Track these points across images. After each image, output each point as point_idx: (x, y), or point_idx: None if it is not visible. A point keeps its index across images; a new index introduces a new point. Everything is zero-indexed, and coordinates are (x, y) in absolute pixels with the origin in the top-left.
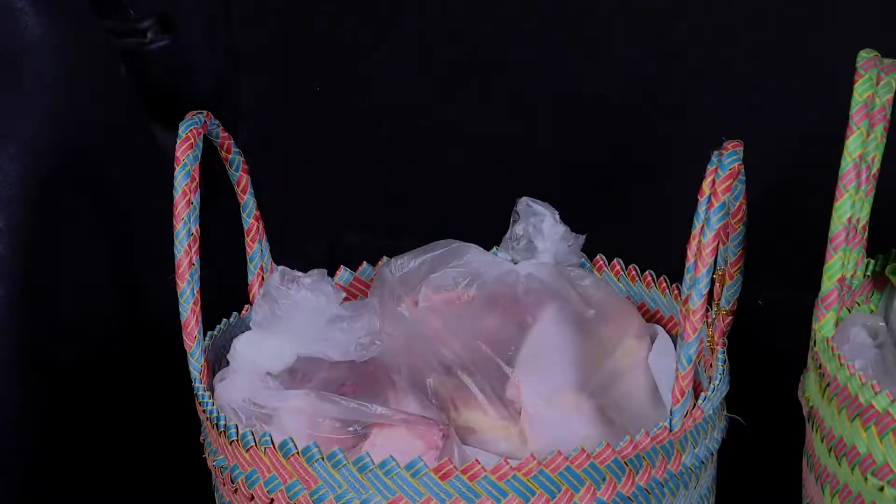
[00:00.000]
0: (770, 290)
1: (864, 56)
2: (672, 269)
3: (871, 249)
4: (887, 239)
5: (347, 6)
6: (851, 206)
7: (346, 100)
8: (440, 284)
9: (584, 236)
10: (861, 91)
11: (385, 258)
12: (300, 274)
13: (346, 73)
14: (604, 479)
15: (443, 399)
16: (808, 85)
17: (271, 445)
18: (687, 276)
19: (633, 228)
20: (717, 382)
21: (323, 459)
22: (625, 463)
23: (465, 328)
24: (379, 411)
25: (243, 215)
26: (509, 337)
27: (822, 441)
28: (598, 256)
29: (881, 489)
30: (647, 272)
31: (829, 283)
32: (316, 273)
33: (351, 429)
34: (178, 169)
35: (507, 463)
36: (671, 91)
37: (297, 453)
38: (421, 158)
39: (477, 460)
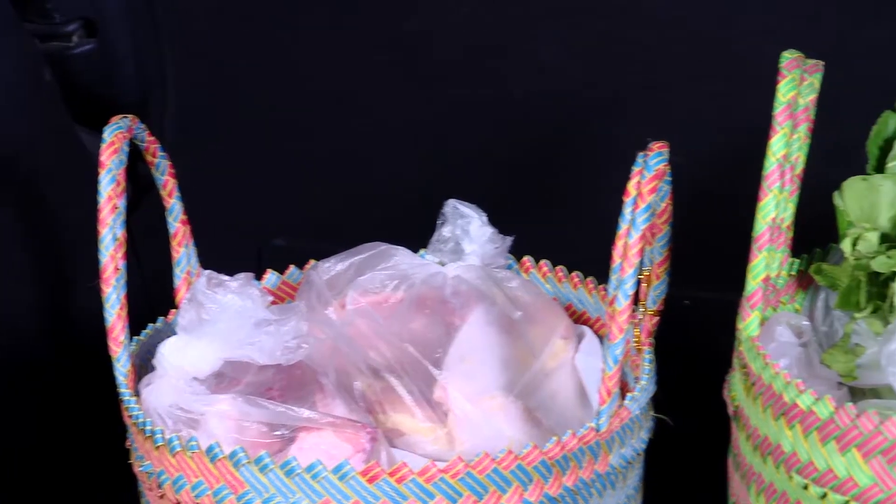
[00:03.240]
0: (696, 290)
1: (788, 57)
2: (600, 269)
3: (797, 249)
4: (812, 238)
5: (274, 10)
6: (776, 207)
7: (273, 102)
8: (368, 287)
9: (512, 238)
10: (784, 92)
11: (312, 261)
12: (226, 278)
13: (274, 76)
14: (531, 480)
15: (370, 402)
16: (733, 85)
17: (198, 450)
18: (613, 277)
19: (561, 230)
20: (643, 383)
21: (250, 463)
22: (552, 464)
23: (393, 331)
24: (306, 415)
25: (169, 219)
26: (437, 339)
27: (748, 440)
28: (525, 258)
29: (805, 487)
30: (574, 273)
31: (753, 282)
32: (242, 277)
33: (278, 433)
34: (103, 173)
35: (435, 465)
36: (600, 92)
37: (224, 458)
38: (348, 161)
39: (404, 463)
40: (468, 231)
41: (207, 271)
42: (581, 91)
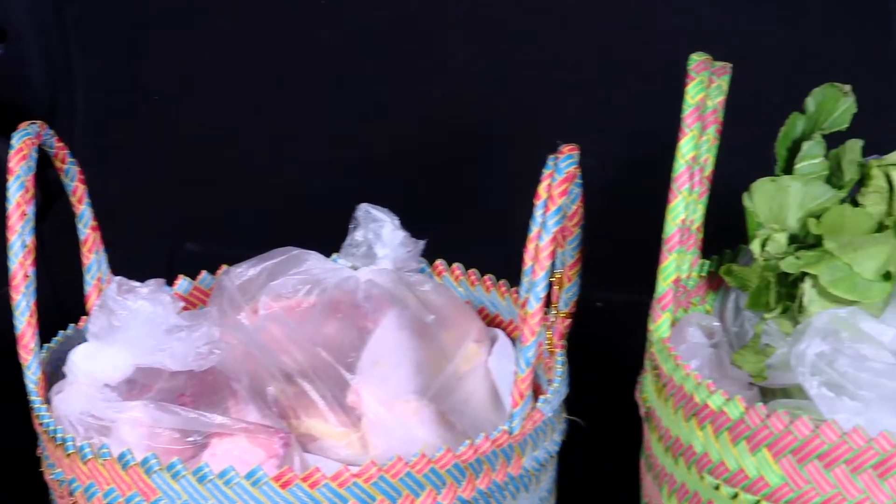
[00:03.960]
0: (609, 291)
1: (696, 59)
2: (513, 272)
3: (707, 250)
4: (723, 240)
5: (184, 14)
6: (685, 208)
7: (184, 109)
8: (280, 292)
9: (424, 242)
10: (693, 94)
11: (224, 266)
12: (137, 284)
13: (185, 80)
14: (444, 484)
15: (284, 407)
16: (643, 88)
17: (109, 457)
18: (524, 280)
19: (474, 233)
20: (556, 385)
21: (162, 470)
22: (465, 467)
23: (306, 335)
24: (219, 421)
25: (79, 226)
26: (349, 343)
27: (659, 441)
28: (438, 261)
29: (717, 488)
30: (486, 276)
31: (663, 284)
32: (153, 283)
33: (190, 439)
34: (11, 180)
35: (348, 469)
36: (511, 95)
37: (136, 465)
38: (260, 165)
39: (317, 468)
40: (380, 235)
41: (118, 277)
42: (493, 94)
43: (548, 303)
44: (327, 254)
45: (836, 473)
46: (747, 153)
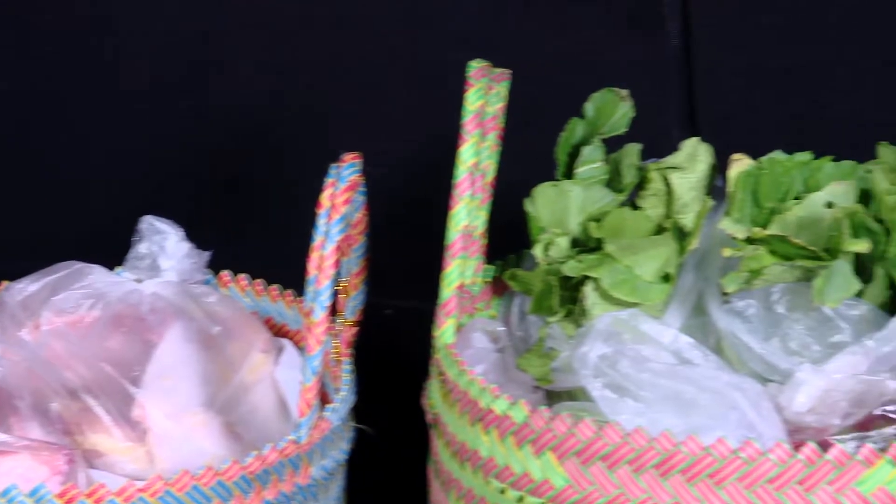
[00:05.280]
0: (398, 298)
1: (475, 66)
2: (301, 281)
3: (492, 255)
4: (507, 245)
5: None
6: (467, 214)
7: None
8: (62, 307)
9: (209, 253)
10: (472, 100)
11: (5, 283)
12: None
13: None
14: (231, 496)
15: (68, 423)
16: (425, 95)
17: None
18: (309, 289)
19: (261, 243)
20: (343, 393)
21: None
22: (252, 478)
23: (89, 350)
24: (0, 439)
25: None
26: (134, 357)
27: (446, 447)
28: (223, 272)
29: (503, 492)
30: (273, 286)
31: (447, 290)
32: None
33: None
34: None
35: (133, 484)
36: (294, 104)
37: None
38: (41, 179)
39: (102, 483)
40: (164, 247)
41: None
42: (276, 103)
43: (334, 311)
44: (111, 267)
45: (619, 474)
46: (529, 158)
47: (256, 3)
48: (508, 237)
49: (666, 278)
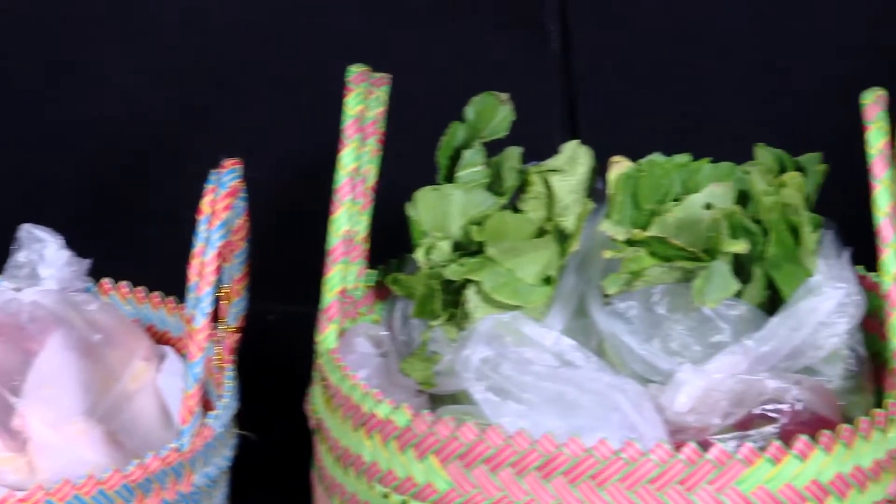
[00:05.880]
0: (282, 304)
1: (354, 71)
2: (183, 288)
3: (376, 260)
4: (390, 250)
5: None
6: (348, 219)
7: None
8: None
9: (90, 261)
10: (352, 105)
11: None
12: None
13: None
14: None
15: None
16: (307, 100)
17: None
18: (190, 296)
19: (143, 250)
20: (225, 400)
21: None
22: (134, 487)
23: None
24: None
25: None
26: (14, 366)
27: (329, 452)
28: (104, 280)
29: (386, 496)
30: (154, 293)
31: (329, 295)
32: None
33: None
34: None
35: (13, 495)
36: (175, 110)
37: None
38: None
39: None
40: (44, 255)
41: None
42: (156, 109)
43: (216, 318)
44: None
45: (501, 477)
46: (411, 163)
47: (138, 8)
48: (390, 241)
49: (547, 281)
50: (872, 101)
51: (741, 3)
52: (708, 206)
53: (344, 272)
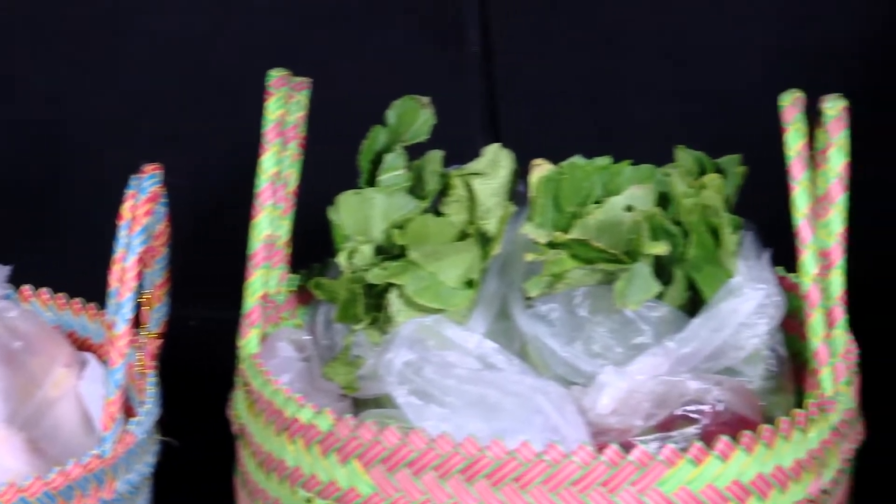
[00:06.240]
0: (204, 310)
1: (274, 75)
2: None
3: (299, 264)
4: (313, 254)
5: None
6: (270, 224)
7: None
8: None
9: (9, 268)
10: (273, 109)
11: None
12: None
13: None
14: None
15: None
16: (228, 104)
17: None
18: (111, 302)
19: (63, 256)
20: (147, 406)
21: None
22: (55, 494)
23: None
24: None
25: None
26: None
27: (253, 457)
28: (24, 287)
29: (309, 501)
30: (75, 300)
31: (251, 300)
32: None
33: None
34: None
35: None
36: (100, 115)
37: None
38: None
39: None
40: None
41: None
42: (76, 114)
43: (138, 324)
44: None
45: (424, 480)
46: (333, 167)
47: (53, 12)
48: (313, 246)
49: (469, 284)
50: (790, 104)
51: (661, 6)
52: (629, 209)
53: (266, 277)
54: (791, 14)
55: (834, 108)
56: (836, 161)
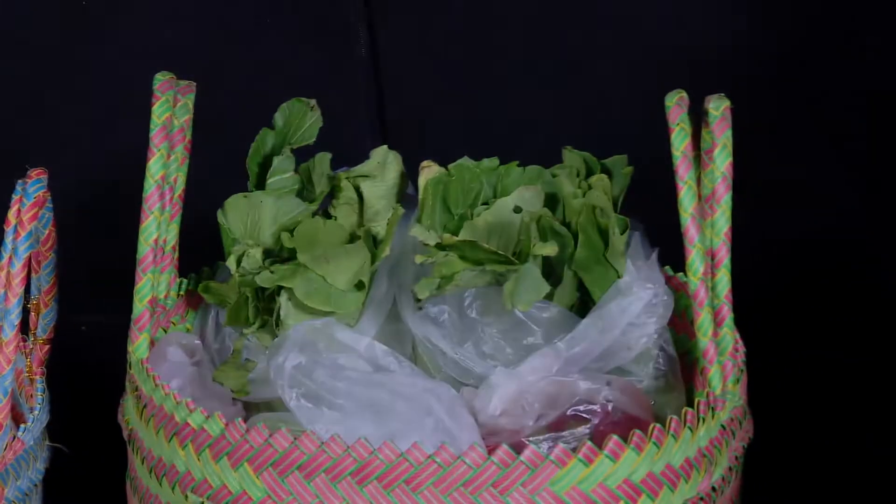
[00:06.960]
0: (93, 314)
1: (161, 79)
2: None
3: (189, 268)
4: (206, 257)
5: None
6: (157, 228)
7: None
8: None
9: None
10: (159, 113)
11: None
12: None
13: None
14: None
15: None
16: (115, 107)
17: None
18: None
19: None
20: (36, 413)
21: None
22: None
23: None
24: None
25: None
26: None
27: (143, 463)
28: None
29: None
30: None
31: (139, 305)
32: None
33: None
34: None
35: None
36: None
37: None
38: None
39: None
40: None
41: None
42: None
43: (26, 329)
44: None
45: (316, 483)
46: (222, 170)
47: None
48: (202, 250)
49: (359, 286)
50: (675, 103)
51: (549, 6)
52: (517, 210)
53: (154, 281)
54: (678, 12)
55: (718, 108)
56: (721, 161)
